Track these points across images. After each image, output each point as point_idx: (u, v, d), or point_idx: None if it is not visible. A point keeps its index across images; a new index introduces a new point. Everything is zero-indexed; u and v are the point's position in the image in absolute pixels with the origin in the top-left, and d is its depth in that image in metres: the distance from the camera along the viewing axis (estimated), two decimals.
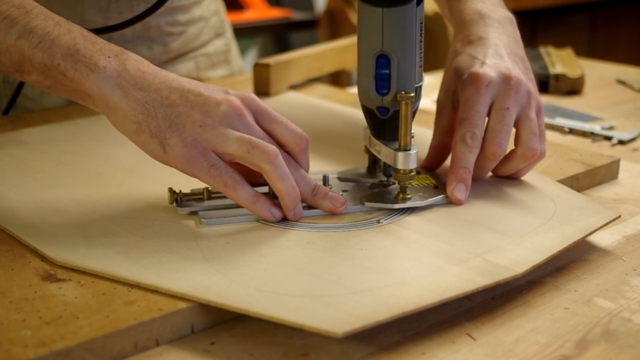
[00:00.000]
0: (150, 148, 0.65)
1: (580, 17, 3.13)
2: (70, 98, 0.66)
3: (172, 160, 0.65)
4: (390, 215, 0.68)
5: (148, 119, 0.64)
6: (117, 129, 0.66)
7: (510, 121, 0.72)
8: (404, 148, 0.68)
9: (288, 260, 0.60)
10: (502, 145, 0.71)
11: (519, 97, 0.73)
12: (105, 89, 0.64)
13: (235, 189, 0.65)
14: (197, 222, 0.66)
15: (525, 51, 1.28)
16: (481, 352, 0.53)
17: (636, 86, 1.19)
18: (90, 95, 0.65)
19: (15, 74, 0.66)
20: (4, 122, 0.94)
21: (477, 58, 0.75)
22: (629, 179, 0.83)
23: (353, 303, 0.53)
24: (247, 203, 0.66)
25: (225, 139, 0.64)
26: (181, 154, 0.64)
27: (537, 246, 0.62)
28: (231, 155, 0.65)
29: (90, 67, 0.64)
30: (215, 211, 0.68)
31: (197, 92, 0.66)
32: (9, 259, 0.61)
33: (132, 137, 0.65)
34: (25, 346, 0.49)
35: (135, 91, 0.65)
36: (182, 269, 0.58)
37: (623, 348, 0.53)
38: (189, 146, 0.64)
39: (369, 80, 0.69)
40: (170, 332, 0.54)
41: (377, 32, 0.67)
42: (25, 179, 0.76)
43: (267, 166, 0.64)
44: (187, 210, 0.68)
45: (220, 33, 1.17)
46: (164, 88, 0.65)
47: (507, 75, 0.73)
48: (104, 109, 0.65)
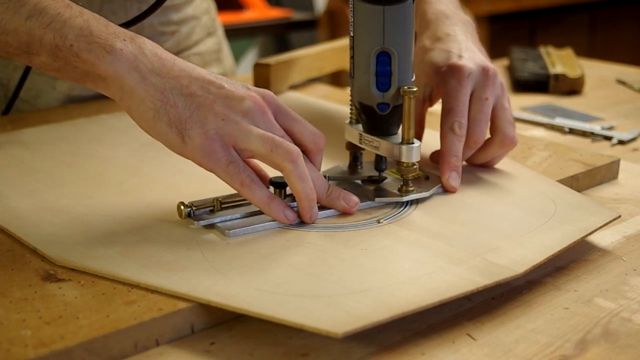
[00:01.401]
0: (167, 137, 0.63)
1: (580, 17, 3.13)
2: (80, 82, 0.64)
3: (189, 152, 0.63)
4: (390, 215, 0.68)
5: (167, 107, 0.62)
6: (131, 114, 0.64)
7: (489, 111, 0.75)
8: (408, 141, 0.69)
9: (288, 260, 0.60)
10: (483, 133, 0.75)
11: (495, 87, 0.77)
12: (121, 72, 0.62)
13: (251, 189, 0.64)
14: (217, 233, 0.64)
15: (526, 51, 1.28)
16: (481, 352, 0.53)
17: (636, 86, 1.19)
18: (104, 77, 0.62)
19: (22, 56, 0.64)
20: (3, 122, 0.94)
21: (452, 52, 0.78)
22: (629, 179, 0.83)
23: (353, 303, 0.53)
24: (261, 204, 0.64)
25: (247, 135, 0.63)
26: (201, 147, 0.62)
27: (537, 246, 0.62)
28: (252, 152, 0.63)
29: (106, 49, 0.62)
30: (237, 221, 0.65)
31: (219, 85, 0.64)
32: (9, 259, 0.61)
33: (147, 124, 0.63)
34: (25, 346, 0.49)
35: (153, 76, 0.63)
36: (182, 269, 0.58)
37: (623, 348, 0.53)
38: (210, 139, 0.62)
39: (370, 78, 0.69)
40: (170, 332, 0.54)
41: (378, 30, 0.68)
42: (25, 179, 0.76)
43: (290, 166, 0.63)
44: (204, 224, 0.65)
45: (212, 32, 1.17)
46: (184, 76, 0.64)
47: (485, 67, 0.77)
48: (118, 92, 0.63)
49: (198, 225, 0.65)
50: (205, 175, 0.76)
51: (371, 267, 0.59)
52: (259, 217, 0.66)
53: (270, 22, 2.62)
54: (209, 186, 0.74)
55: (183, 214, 0.65)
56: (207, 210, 0.66)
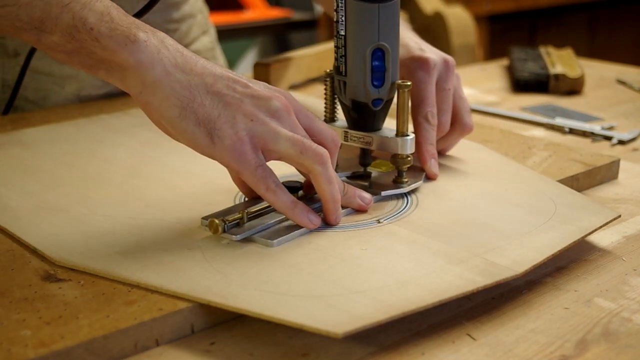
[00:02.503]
0: (195, 137, 0.60)
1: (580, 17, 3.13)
2: (91, 68, 0.61)
3: (218, 153, 0.61)
4: (390, 215, 0.68)
5: (194, 105, 0.60)
6: (149, 111, 0.61)
7: (451, 100, 0.78)
8: (403, 134, 0.72)
9: (288, 260, 0.60)
10: (449, 122, 0.79)
11: (454, 78, 0.79)
12: (144, 63, 0.59)
13: (276, 194, 0.62)
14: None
15: (526, 51, 1.28)
16: (481, 352, 0.53)
17: (636, 86, 1.19)
18: (123, 67, 0.60)
19: (30, 32, 0.61)
20: (3, 122, 0.94)
21: (411, 46, 0.79)
22: (629, 179, 0.83)
23: (353, 303, 0.53)
24: (285, 209, 0.63)
25: (277, 137, 0.62)
26: (231, 148, 0.60)
27: (537, 246, 0.62)
28: (280, 154, 0.62)
29: (130, 37, 0.59)
30: (276, 230, 0.64)
31: (244, 84, 0.63)
32: (9, 259, 0.61)
33: (171, 122, 0.60)
34: (25, 346, 0.49)
35: (178, 72, 0.60)
36: (182, 269, 0.58)
37: (623, 348, 0.53)
38: (241, 140, 0.60)
39: (365, 75, 0.70)
40: (170, 332, 0.54)
41: (373, 28, 0.69)
42: (25, 179, 0.76)
43: (319, 168, 0.63)
44: (241, 237, 0.62)
45: (206, 30, 1.18)
46: (208, 74, 0.61)
47: (445, 58, 0.80)
48: (137, 86, 0.60)
49: (236, 239, 0.62)
50: (205, 175, 0.77)
51: (371, 267, 0.59)
52: (289, 222, 0.65)
53: (270, 22, 2.62)
54: (209, 186, 0.74)
55: (219, 229, 0.62)
56: (236, 223, 0.64)
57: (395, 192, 0.72)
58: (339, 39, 0.70)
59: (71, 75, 1.02)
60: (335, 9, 0.70)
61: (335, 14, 0.70)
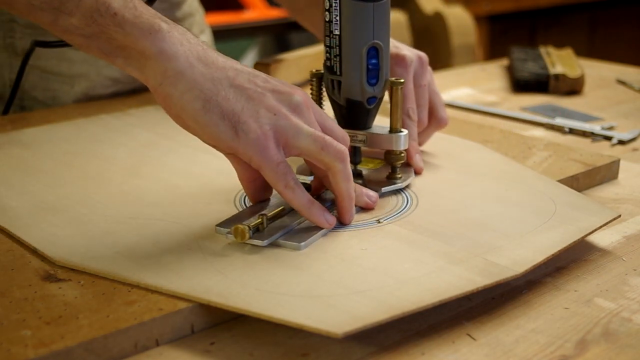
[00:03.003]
0: (219, 130, 0.59)
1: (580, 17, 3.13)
2: (109, 55, 0.60)
3: (241, 147, 0.60)
4: (390, 215, 0.68)
5: (218, 98, 0.59)
6: (169, 103, 0.59)
7: (427, 96, 0.79)
8: (397, 130, 0.73)
9: (288, 260, 0.60)
10: (426, 117, 0.80)
11: (428, 74, 0.81)
12: (168, 53, 0.58)
13: (294, 192, 0.62)
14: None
15: (526, 51, 1.28)
16: (481, 352, 0.53)
17: (636, 86, 1.19)
18: (144, 56, 0.58)
19: (47, 12, 0.59)
20: (3, 122, 0.94)
21: None
22: (629, 179, 0.83)
23: (353, 303, 0.53)
24: (303, 207, 0.62)
25: (299, 133, 0.61)
26: (256, 142, 0.59)
27: (537, 246, 0.62)
28: (300, 150, 0.62)
29: (154, 26, 0.58)
30: (298, 233, 0.63)
31: (264, 79, 0.62)
32: (9, 259, 0.61)
33: (193, 115, 0.59)
34: (25, 346, 0.49)
35: (200, 65, 0.59)
36: (182, 269, 0.58)
37: (623, 348, 0.53)
38: (265, 135, 0.60)
39: (362, 74, 0.71)
40: (170, 332, 0.54)
41: (368, 26, 0.70)
42: (25, 179, 0.76)
43: (339, 165, 0.62)
44: (269, 242, 0.61)
45: (203, 30, 1.18)
46: (229, 68, 0.61)
47: (420, 55, 0.81)
48: (158, 77, 0.59)
49: (263, 244, 0.61)
50: (205, 175, 0.77)
51: (371, 267, 0.59)
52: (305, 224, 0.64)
53: (270, 22, 2.62)
54: (209, 186, 0.74)
55: (246, 235, 0.60)
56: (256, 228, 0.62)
57: (394, 188, 0.73)
58: (333, 39, 0.71)
59: (81, 74, 1.02)
60: (327, 9, 0.70)
61: (327, 13, 0.70)
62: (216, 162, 0.80)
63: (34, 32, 0.99)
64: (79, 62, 1.01)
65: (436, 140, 0.88)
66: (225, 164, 0.79)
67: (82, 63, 1.02)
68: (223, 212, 0.68)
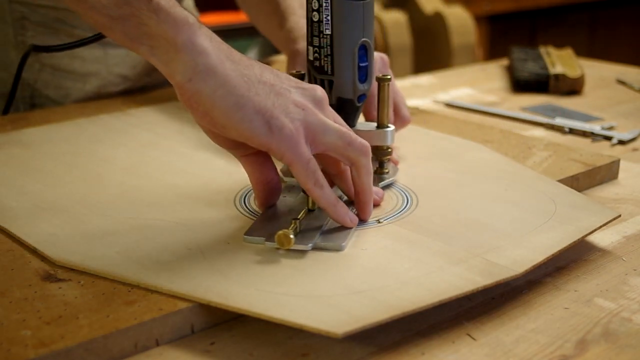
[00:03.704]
0: (252, 126, 0.58)
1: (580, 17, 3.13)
2: (132, 42, 0.58)
3: (275, 143, 0.59)
4: (390, 215, 0.68)
5: (250, 94, 0.58)
6: (198, 99, 0.58)
7: (391, 95, 0.79)
8: (384, 126, 0.73)
9: (288, 260, 0.60)
10: (392, 116, 0.80)
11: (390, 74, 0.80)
12: (200, 48, 0.57)
13: (323, 189, 0.61)
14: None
15: (526, 51, 1.28)
16: (481, 352, 0.53)
17: (636, 86, 1.19)
18: (175, 48, 0.57)
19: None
20: (3, 122, 0.94)
21: None
22: (629, 179, 0.83)
23: (353, 303, 0.53)
24: (330, 206, 0.62)
25: (326, 129, 0.61)
26: (289, 138, 0.59)
27: (537, 246, 0.62)
28: (326, 146, 0.61)
29: (187, 18, 0.57)
30: (334, 235, 0.63)
31: (286, 76, 0.62)
32: (9, 259, 0.61)
33: (225, 111, 0.58)
34: (25, 346, 0.49)
35: (229, 62, 0.58)
36: (182, 269, 0.58)
37: (623, 348, 0.53)
38: (297, 130, 0.59)
39: (354, 72, 0.71)
40: (170, 332, 0.54)
41: (359, 25, 0.70)
42: (25, 179, 0.76)
43: (364, 160, 0.62)
44: (312, 246, 0.61)
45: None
46: (255, 65, 0.60)
47: (382, 56, 0.81)
48: (187, 71, 0.57)
49: (308, 248, 0.60)
50: (205, 175, 0.77)
51: (371, 267, 0.59)
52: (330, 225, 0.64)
53: None
54: (209, 186, 0.74)
55: (292, 242, 0.59)
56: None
57: (389, 182, 0.74)
58: (323, 39, 0.70)
59: (92, 72, 1.03)
60: (315, 9, 0.70)
61: (316, 13, 0.70)
62: (216, 162, 0.80)
63: (46, 30, 0.99)
64: (91, 60, 1.02)
65: (436, 140, 0.88)
66: (225, 164, 0.79)
67: (93, 61, 1.02)
68: (223, 212, 0.68)
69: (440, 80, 1.26)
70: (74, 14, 0.99)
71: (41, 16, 0.99)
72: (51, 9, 0.99)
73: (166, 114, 0.96)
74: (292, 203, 0.69)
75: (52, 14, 0.99)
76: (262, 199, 0.66)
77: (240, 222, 0.66)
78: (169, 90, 1.09)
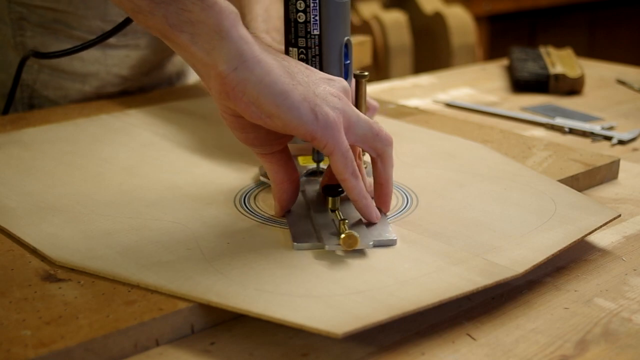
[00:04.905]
0: (300, 114, 0.57)
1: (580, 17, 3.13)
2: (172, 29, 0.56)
3: (320, 131, 0.58)
4: (390, 215, 0.68)
5: (294, 82, 0.57)
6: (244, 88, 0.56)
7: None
8: None
9: (288, 260, 0.60)
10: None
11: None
12: (246, 38, 0.56)
13: (358, 179, 0.60)
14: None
15: (526, 51, 1.28)
16: (481, 352, 0.53)
17: (636, 86, 1.19)
18: (221, 35, 0.55)
19: None
20: (3, 122, 0.94)
21: None
22: (629, 179, 0.83)
23: (353, 303, 0.53)
24: (361, 197, 0.61)
25: (359, 119, 0.60)
26: (333, 125, 0.58)
27: (537, 246, 0.62)
28: (356, 136, 0.61)
29: (231, 7, 0.56)
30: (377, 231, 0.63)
31: (312, 68, 0.62)
32: (9, 259, 0.61)
33: (273, 99, 0.56)
34: (25, 346, 0.49)
35: (267, 52, 0.58)
36: (182, 269, 0.58)
37: (623, 348, 0.53)
38: (338, 119, 0.58)
39: (341, 71, 0.71)
40: (170, 332, 0.54)
41: (344, 23, 0.70)
42: (25, 179, 0.76)
43: (389, 150, 0.62)
44: (373, 245, 0.61)
45: None
46: (287, 58, 0.60)
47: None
48: (233, 60, 0.55)
49: (370, 246, 0.61)
50: (205, 175, 0.77)
51: (371, 267, 0.59)
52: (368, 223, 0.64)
53: None
54: (209, 186, 0.74)
55: (358, 242, 0.59)
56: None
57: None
58: (311, 39, 0.70)
59: (92, 73, 1.03)
60: (301, 10, 0.69)
61: (302, 14, 0.69)
62: (216, 162, 0.80)
63: (45, 31, 0.99)
64: (90, 61, 1.02)
65: (436, 140, 0.88)
66: (225, 164, 0.79)
67: (92, 62, 1.02)
68: (223, 212, 0.68)
69: (440, 80, 1.26)
70: (73, 15, 0.99)
71: (40, 17, 0.99)
72: (50, 10, 0.99)
73: (166, 114, 0.96)
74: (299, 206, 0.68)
75: (51, 15, 0.99)
76: (284, 200, 0.65)
77: (240, 222, 0.66)
78: (168, 90, 1.09)
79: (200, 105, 0.99)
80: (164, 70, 1.11)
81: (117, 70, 1.04)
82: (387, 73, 2.41)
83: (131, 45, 1.04)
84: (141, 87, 1.08)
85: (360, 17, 2.51)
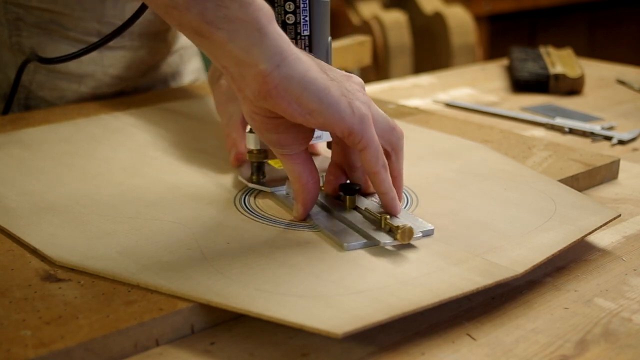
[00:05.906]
0: (339, 108, 0.57)
1: (580, 17, 3.13)
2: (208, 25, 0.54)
3: (357, 124, 0.58)
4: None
5: (330, 78, 0.58)
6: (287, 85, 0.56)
7: None
8: None
9: (288, 260, 0.60)
10: None
11: None
12: (282, 34, 0.56)
13: (387, 172, 0.61)
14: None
15: (526, 51, 1.28)
16: (481, 352, 0.53)
17: (636, 86, 1.19)
18: (262, 32, 0.55)
19: None
20: (3, 122, 0.94)
21: None
22: (629, 179, 0.83)
23: (353, 303, 0.53)
24: (389, 190, 0.62)
25: (378, 112, 0.61)
26: (366, 120, 0.58)
27: (537, 246, 0.62)
28: (378, 130, 0.61)
29: (266, 5, 0.56)
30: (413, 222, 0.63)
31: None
32: (9, 259, 0.61)
33: (316, 95, 0.57)
34: (25, 346, 0.49)
35: (300, 50, 0.58)
36: (182, 269, 0.58)
37: (623, 348, 0.53)
38: (369, 114, 0.59)
39: None
40: (170, 332, 0.54)
41: (328, 23, 0.71)
42: (25, 179, 0.76)
43: (402, 144, 0.64)
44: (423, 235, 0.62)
45: None
46: (312, 57, 0.60)
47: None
48: (275, 57, 0.55)
49: (420, 237, 0.62)
50: (205, 176, 0.77)
51: (371, 267, 0.59)
52: None
53: None
54: (209, 186, 0.74)
55: (414, 233, 0.60)
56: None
57: None
58: (302, 40, 0.70)
59: (88, 73, 1.03)
60: (291, 11, 0.69)
61: (291, 15, 0.69)
62: (216, 162, 0.80)
63: (41, 31, 0.99)
64: (86, 61, 1.02)
65: (436, 140, 0.88)
66: (225, 165, 0.79)
67: (89, 62, 1.02)
68: (223, 212, 0.68)
69: (440, 80, 1.26)
70: (69, 16, 0.99)
71: (36, 18, 0.99)
72: (46, 11, 0.99)
73: (165, 114, 0.96)
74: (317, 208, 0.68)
75: (47, 16, 0.99)
76: (309, 201, 0.65)
77: (240, 222, 0.66)
78: (167, 91, 1.09)
79: (200, 106, 0.99)
80: (159, 72, 1.11)
81: (113, 71, 1.04)
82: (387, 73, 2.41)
83: (127, 46, 1.04)
84: (136, 88, 1.09)
85: (360, 17, 2.51)
